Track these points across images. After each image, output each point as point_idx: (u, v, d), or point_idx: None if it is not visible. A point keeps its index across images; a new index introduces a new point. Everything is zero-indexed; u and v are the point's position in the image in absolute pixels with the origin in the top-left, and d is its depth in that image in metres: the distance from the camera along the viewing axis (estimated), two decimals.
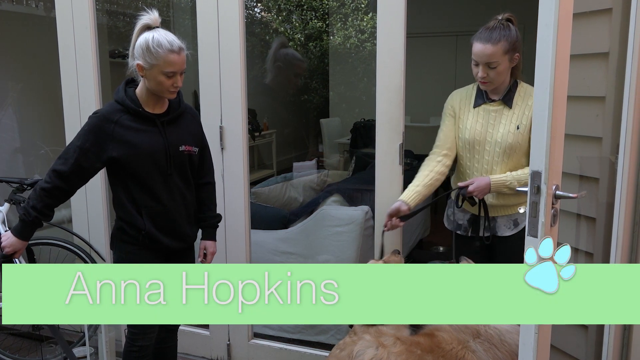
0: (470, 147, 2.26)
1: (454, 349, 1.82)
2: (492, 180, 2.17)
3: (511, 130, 2.19)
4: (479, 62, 2.14)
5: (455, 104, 2.33)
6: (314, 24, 7.92)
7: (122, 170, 2.13)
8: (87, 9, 2.97)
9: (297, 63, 6.63)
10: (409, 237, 3.91)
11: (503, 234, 2.30)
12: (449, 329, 1.89)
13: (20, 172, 4.11)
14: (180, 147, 2.18)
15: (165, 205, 2.17)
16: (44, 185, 2.11)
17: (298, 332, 3.08)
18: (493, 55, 2.10)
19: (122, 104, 2.11)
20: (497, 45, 2.09)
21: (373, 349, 1.79)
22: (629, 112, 1.90)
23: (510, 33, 2.11)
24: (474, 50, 2.15)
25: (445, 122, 2.35)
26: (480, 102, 2.26)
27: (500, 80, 2.18)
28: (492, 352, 1.81)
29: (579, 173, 2.25)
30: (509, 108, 2.21)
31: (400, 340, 1.81)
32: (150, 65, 2.03)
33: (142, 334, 2.26)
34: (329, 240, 2.97)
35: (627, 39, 1.90)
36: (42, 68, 3.90)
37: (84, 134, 2.10)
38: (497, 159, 2.22)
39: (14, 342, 3.29)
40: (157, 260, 2.22)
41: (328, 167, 6.21)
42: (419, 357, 1.77)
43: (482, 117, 2.25)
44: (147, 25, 2.06)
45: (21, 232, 2.16)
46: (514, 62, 2.17)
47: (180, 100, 2.23)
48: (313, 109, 7.93)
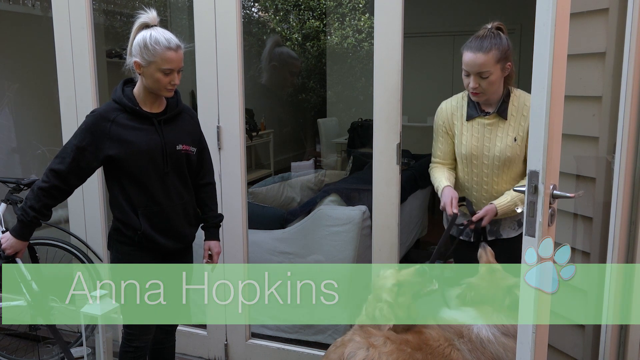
0: (467, 161, 2.23)
1: (441, 345, 1.84)
2: (497, 207, 2.13)
3: (509, 143, 2.14)
4: (470, 72, 2.07)
5: (445, 119, 2.26)
6: (312, 24, 7.91)
7: (118, 170, 2.12)
8: (84, 9, 2.97)
9: (292, 61, 6.63)
10: (406, 237, 3.92)
11: (508, 236, 2.29)
12: (437, 327, 1.91)
13: (17, 172, 4.10)
14: (178, 146, 2.18)
15: (161, 205, 2.16)
16: (41, 185, 2.10)
17: (295, 332, 3.08)
18: (484, 65, 2.03)
19: (119, 102, 2.11)
20: (489, 54, 2.02)
21: (364, 350, 1.80)
22: (626, 111, 1.90)
23: (501, 42, 2.05)
24: (464, 59, 2.07)
25: (439, 139, 2.30)
26: (474, 114, 2.18)
27: (492, 91, 2.11)
28: (475, 353, 1.83)
29: (575, 173, 2.25)
30: (504, 120, 2.15)
31: (390, 340, 1.82)
32: (147, 63, 2.03)
33: (138, 335, 2.26)
34: (326, 240, 2.97)
35: (623, 38, 1.90)
36: (38, 68, 3.89)
37: (81, 133, 2.09)
38: (496, 171, 2.19)
39: (11, 342, 3.29)
40: (154, 261, 2.21)
41: (325, 167, 6.22)
42: (410, 355, 1.79)
43: (477, 131, 2.19)
44: (145, 24, 2.07)
45: (20, 233, 2.16)
46: (506, 71, 2.10)
47: (178, 99, 2.22)
48: (310, 109, 7.92)
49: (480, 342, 1.85)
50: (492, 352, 1.83)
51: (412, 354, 1.80)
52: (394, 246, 2.61)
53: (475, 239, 2.26)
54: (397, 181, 2.56)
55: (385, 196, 2.57)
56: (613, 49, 2.02)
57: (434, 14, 6.51)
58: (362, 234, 2.93)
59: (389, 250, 2.61)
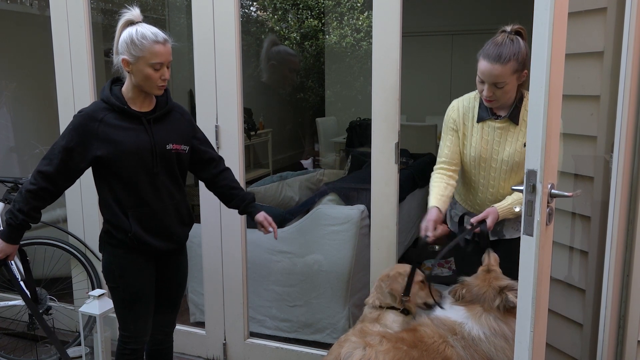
0: (476, 163, 2.21)
1: (436, 342, 1.86)
2: (498, 210, 2.10)
3: (518, 148, 2.11)
4: (485, 81, 2.01)
5: (457, 117, 2.22)
6: (310, 23, 7.92)
7: (107, 170, 2.08)
8: (81, 8, 2.96)
9: (290, 59, 6.66)
10: (405, 236, 3.92)
11: (512, 236, 2.27)
12: (431, 324, 1.92)
13: (14, 171, 4.10)
14: (168, 145, 2.13)
15: (151, 205, 2.12)
16: (29, 187, 2.05)
17: (294, 331, 3.09)
18: (501, 76, 1.96)
19: (107, 102, 2.07)
20: (507, 65, 1.94)
21: (360, 349, 1.81)
22: (624, 111, 1.90)
23: (520, 51, 1.96)
24: (480, 67, 2.00)
25: (448, 137, 2.24)
26: (485, 117, 2.15)
27: (506, 99, 2.06)
28: (469, 350, 1.84)
29: (573, 172, 2.25)
30: (515, 125, 2.12)
31: (385, 338, 1.84)
32: (135, 59, 2.00)
33: (133, 338, 2.24)
34: (325, 239, 2.97)
35: (621, 38, 1.91)
36: (36, 67, 3.88)
37: (69, 133, 2.04)
38: (503, 175, 2.18)
39: (9, 342, 3.28)
40: (147, 263, 2.18)
41: (324, 166, 6.22)
42: (406, 352, 1.80)
43: (487, 133, 2.16)
44: (129, 21, 2.04)
45: (9, 236, 2.11)
46: (522, 79, 2.04)
47: (167, 98, 2.18)
48: (309, 108, 7.93)
49: (472, 340, 1.86)
50: (484, 350, 1.84)
51: (408, 351, 1.81)
52: (393, 245, 2.62)
53: (483, 244, 2.19)
54: (395, 180, 2.56)
55: (384, 195, 2.57)
56: (611, 48, 2.02)
57: (432, 13, 6.51)
58: (361, 233, 2.93)
59: (387, 249, 2.61)
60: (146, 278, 2.19)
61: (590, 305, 2.19)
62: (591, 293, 2.19)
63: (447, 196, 2.19)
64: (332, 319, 3.00)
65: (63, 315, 3.23)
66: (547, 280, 1.61)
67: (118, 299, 2.21)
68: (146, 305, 2.21)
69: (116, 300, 2.22)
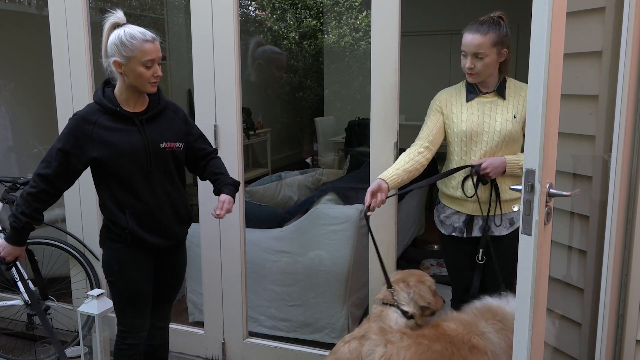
0: (467, 139, 2.26)
1: (460, 334, 1.87)
2: (507, 160, 2.20)
3: (509, 119, 2.22)
4: (467, 52, 2.18)
5: (442, 101, 2.33)
6: (309, 23, 7.92)
7: (103, 171, 2.12)
8: (80, 7, 2.95)
9: (276, 57, 6.66)
10: (404, 236, 3.92)
11: (500, 234, 2.31)
12: (456, 318, 1.94)
13: (13, 171, 4.09)
14: (161, 144, 2.16)
15: (148, 204, 2.15)
16: (30, 190, 2.11)
17: (293, 330, 3.09)
18: (481, 46, 2.14)
19: (100, 104, 2.11)
20: (486, 36, 2.13)
21: (382, 347, 1.82)
22: (622, 110, 1.90)
23: (499, 28, 2.16)
24: (463, 40, 2.19)
25: (430, 117, 2.34)
26: (473, 95, 2.27)
27: (487, 73, 2.20)
28: (503, 333, 1.84)
29: (572, 171, 2.26)
30: (503, 99, 2.25)
31: (406, 335, 1.85)
32: (127, 59, 2.03)
33: (131, 332, 2.27)
34: (323, 238, 2.97)
35: (620, 37, 1.91)
36: (34, 66, 3.87)
37: (64, 137, 2.10)
38: (495, 148, 2.24)
39: (8, 342, 3.28)
40: (145, 258, 2.22)
41: (323, 166, 6.21)
42: (427, 346, 1.82)
43: (476, 109, 2.26)
44: (115, 24, 2.08)
45: (15, 239, 2.18)
46: (502, 57, 2.20)
47: (159, 97, 2.21)
48: (307, 108, 7.93)
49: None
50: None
51: (430, 345, 1.84)
52: (392, 245, 2.62)
53: (468, 234, 2.33)
54: None
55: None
56: (609, 47, 2.03)
57: (431, 12, 6.52)
58: (360, 233, 2.93)
59: (386, 248, 2.61)
60: (144, 273, 2.23)
61: (589, 304, 2.19)
62: (590, 292, 2.19)
63: (405, 170, 2.23)
64: (331, 319, 3.00)
65: (62, 315, 3.24)
66: (546, 279, 1.62)
67: (116, 294, 2.25)
68: (144, 300, 2.25)
69: (114, 294, 2.26)
